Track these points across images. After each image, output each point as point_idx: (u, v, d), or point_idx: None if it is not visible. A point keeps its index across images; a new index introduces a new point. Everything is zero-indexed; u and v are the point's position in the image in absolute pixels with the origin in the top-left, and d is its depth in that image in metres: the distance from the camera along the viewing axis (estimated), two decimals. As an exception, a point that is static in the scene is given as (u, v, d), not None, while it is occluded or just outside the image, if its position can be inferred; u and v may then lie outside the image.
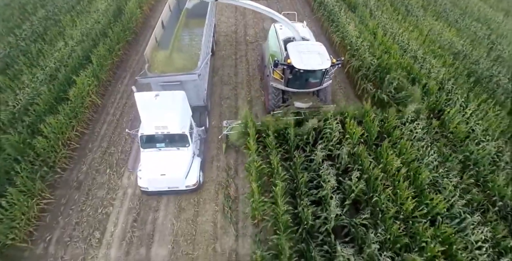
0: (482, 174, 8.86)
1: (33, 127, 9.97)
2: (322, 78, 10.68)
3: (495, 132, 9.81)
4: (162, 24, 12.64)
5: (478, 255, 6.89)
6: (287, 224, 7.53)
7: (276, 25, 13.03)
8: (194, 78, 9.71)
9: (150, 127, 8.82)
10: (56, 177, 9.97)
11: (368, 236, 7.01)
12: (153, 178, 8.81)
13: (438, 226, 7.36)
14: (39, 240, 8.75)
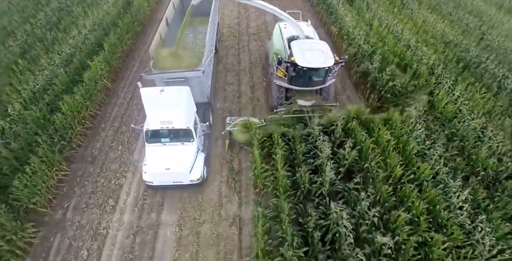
0: (467, 148, 9.58)
1: (52, 105, 10.76)
2: (325, 76, 10.70)
3: (480, 112, 10.54)
4: (167, 22, 12.77)
5: (459, 214, 7.62)
6: (286, 188, 8.29)
7: (280, 24, 13.16)
8: (198, 75, 9.77)
9: (155, 122, 8.93)
10: (72, 152, 10.76)
11: (359, 197, 7.75)
12: (158, 173, 8.90)
13: (424, 190, 8.11)
14: (58, 206, 9.53)
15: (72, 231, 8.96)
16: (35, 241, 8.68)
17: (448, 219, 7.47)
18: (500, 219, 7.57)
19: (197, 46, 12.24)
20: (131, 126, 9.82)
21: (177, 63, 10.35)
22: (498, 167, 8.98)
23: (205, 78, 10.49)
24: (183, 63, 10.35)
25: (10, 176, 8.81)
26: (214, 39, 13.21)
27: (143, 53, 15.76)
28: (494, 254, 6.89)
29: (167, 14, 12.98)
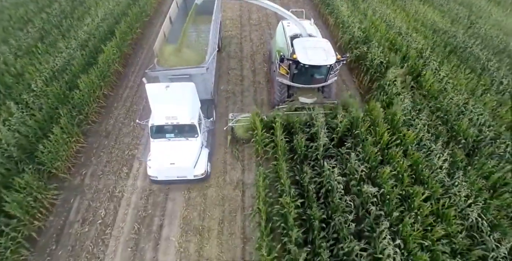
0: (450, 121, 10.48)
1: (70, 84, 11.71)
2: (327, 74, 10.78)
3: (463, 89, 11.45)
4: (170, 20, 12.81)
5: (439, 172, 8.52)
6: (284, 152, 9.21)
7: (283, 22, 13.35)
8: (202, 72, 9.84)
9: (160, 117, 9.03)
10: (88, 127, 11.70)
11: (350, 157, 8.65)
12: (163, 167, 8.98)
13: (408, 153, 9.02)
14: (76, 174, 10.45)
15: (90, 194, 9.89)
16: (57, 202, 9.61)
17: (429, 176, 8.37)
18: (475, 176, 8.47)
19: (200, 44, 12.46)
20: (136, 121, 10.11)
21: (181, 60, 10.47)
22: (478, 136, 9.88)
23: (209, 75, 10.61)
24: (186, 60, 10.48)
25: (35, 143, 9.74)
26: (217, 37, 13.34)
27: (150, 41, 16.71)
28: (469, 203, 7.79)
29: (170, 12, 12.99)
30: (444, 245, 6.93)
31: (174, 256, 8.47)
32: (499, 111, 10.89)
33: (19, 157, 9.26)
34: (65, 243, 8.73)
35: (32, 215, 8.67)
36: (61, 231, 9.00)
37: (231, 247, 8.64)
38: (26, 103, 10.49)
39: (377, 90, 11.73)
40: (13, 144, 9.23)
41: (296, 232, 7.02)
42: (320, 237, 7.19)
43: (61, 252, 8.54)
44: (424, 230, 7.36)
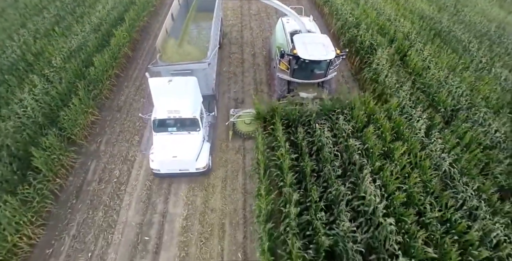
0: (431, 93, 11.55)
1: (86, 62, 12.79)
2: (327, 69, 10.92)
3: (444, 67, 12.53)
4: (172, 17, 13.00)
5: (418, 132, 9.58)
6: (281, 117, 10.27)
7: (283, 19, 13.56)
8: (204, 67, 9.97)
9: (163, 111, 9.16)
10: (102, 102, 12.77)
11: (339, 120, 9.72)
12: (165, 160, 9.10)
13: (392, 117, 10.09)
14: (92, 141, 11.50)
15: (105, 158, 10.94)
16: (75, 165, 10.66)
17: (409, 135, 9.42)
18: (450, 135, 9.53)
19: (201, 41, 12.65)
20: (139, 115, 10.49)
21: (182, 56, 10.69)
22: (456, 105, 10.95)
23: (210, 71, 10.76)
24: (188, 56, 10.69)
25: (56, 112, 10.81)
26: (218, 34, 13.48)
27: (156, 29, 17.84)
28: (444, 158, 8.85)
29: (172, 8, 13.16)
30: (419, 187, 7.97)
31: (182, 208, 9.51)
32: (477, 85, 11.95)
33: (43, 122, 10.32)
34: (84, 198, 9.77)
35: (54, 173, 9.71)
36: (80, 188, 10.04)
37: (233, 200, 9.69)
38: (47, 78, 11.56)
39: (366, 68, 12.79)
40: (37, 110, 10.29)
41: (291, 177, 8.05)
42: (311, 183, 8.22)
43: (81, 205, 9.58)
44: (403, 177, 8.41)
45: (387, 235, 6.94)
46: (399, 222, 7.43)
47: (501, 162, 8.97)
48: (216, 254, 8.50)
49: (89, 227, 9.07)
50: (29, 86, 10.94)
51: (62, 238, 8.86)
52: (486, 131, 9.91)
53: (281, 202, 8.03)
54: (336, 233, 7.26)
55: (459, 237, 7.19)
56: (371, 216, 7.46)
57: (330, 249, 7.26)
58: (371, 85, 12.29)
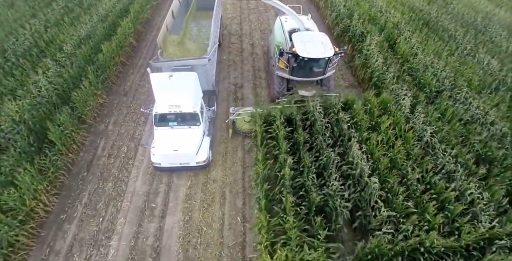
0: (418, 76, 12.35)
1: (94, 49, 13.60)
2: (325, 67, 10.97)
3: (431, 53, 13.35)
4: (172, 14, 13.17)
5: (403, 108, 10.37)
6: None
7: (281, 18, 13.67)
8: (204, 63, 10.11)
9: (164, 106, 9.32)
10: (109, 86, 13.56)
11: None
12: (166, 154, 9.25)
13: (380, 95, 10.90)
14: (100, 122, 12.28)
15: (114, 137, 11.71)
16: (86, 142, 11.44)
17: (395, 110, 10.22)
18: (433, 110, 10.33)
19: (201, 39, 12.79)
20: (141, 110, 10.79)
21: (183, 52, 10.86)
22: (440, 86, 11.75)
23: (210, 67, 10.93)
24: (189, 52, 10.87)
25: (69, 92, 11.58)
26: (218, 31, 13.60)
27: (159, 22, 18.66)
28: (425, 129, 9.64)
29: (172, 6, 13.33)
30: (402, 155, 8.75)
31: (186, 179, 10.27)
32: (461, 69, 12.77)
33: (56, 102, 11.10)
34: (94, 171, 10.54)
35: (67, 148, 10.47)
36: (91, 163, 10.81)
37: (233, 172, 10.46)
38: (59, 62, 12.35)
39: (357, 54, 13.61)
40: (51, 91, 11.07)
41: (285, 145, 8.83)
42: (304, 152, 9.00)
43: (92, 177, 10.34)
44: (388, 147, 9.19)
45: (372, 192, 7.71)
46: (383, 184, 8.21)
47: (480, 134, 9.75)
48: (217, 218, 9.25)
49: (100, 196, 9.82)
50: (42, 69, 11.72)
51: (74, 205, 9.61)
52: (467, 109, 10.70)
53: (276, 168, 8.81)
54: (326, 192, 8.03)
55: (437, 196, 7.96)
56: (359, 178, 8.23)
57: (321, 209, 8.03)
58: (362, 71, 13.09)
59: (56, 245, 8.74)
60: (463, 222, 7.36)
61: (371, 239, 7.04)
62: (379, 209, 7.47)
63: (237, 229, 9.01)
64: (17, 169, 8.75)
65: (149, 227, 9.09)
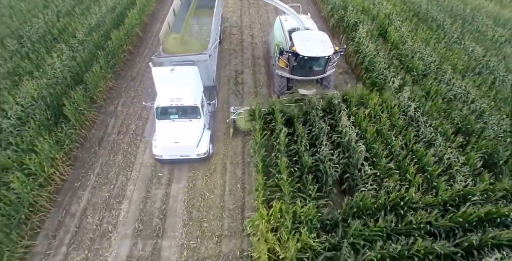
0: (405, 61, 13.20)
1: (104, 36, 14.52)
2: (325, 65, 11.02)
3: (419, 40, 14.22)
4: (174, 12, 13.38)
5: (391, 87, 11.23)
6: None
7: (281, 17, 13.81)
8: (205, 58, 10.29)
9: (165, 99, 9.55)
10: (117, 72, 14.46)
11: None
12: (167, 146, 9.45)
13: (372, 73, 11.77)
14: (110, 104, 13.17)
15: (123, 116, 12.59)
16: (97, 121, 12.32)
17: (383, 87, 11.10)
18: (419, 89, 11.22)
19: (202, 36, 12.92)
20: (143, 103, 11.04)
21: (184, 49, 11.06)
22: (426, 70, 12.61)
23: (211, 62, 11.18)
24: (190, 48, 11.06)
25: (82, 75, 12.48)
26: (218, 28, 13.82)
27: (163, 15, 19.60)
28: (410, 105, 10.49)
29: (174, 4, 13.55)
30: (387, 126, 9.59)
31: (190, 152, 11.11)
32: (447, 55, 13.62)
33: (70, 83, 11.99)
34: (105, 146, 11.41)
35: (80, 124, 11.34)
36: (102, 139, 11.68)
37: (234, 146, 11.30)
38: (72, 48, 13.28)
39: (350, 42, 14.50)
40: (66, 72, 11.98)
41: (281, 117, 9.68)
42: (298, 123, 9.85)
43: (103, 151, 11.21)
44: (375, 119, 10.04)
45: (358, 156, 8.54)
46: (369, 150, 9.04)
47: (461, 110, 10.59)
48: (219, 185, 10.10)
49: (111, 167, 10.69)
50: (57, 54, 12.64)
51: (88, 175, 10.47)
52: (450, 89, 11.54)
53: (273, 137, 9.65)
54: (318, 158, 8.86)
55: (418, 160, 8.79)
56: (347, 145, 9.06)
57: (313, 175, 8.84)
58: (354, 57, 13.96)
59: (71, 208, 9.60)
60: (441, 181, 8.17)
61: (356, 195, 7.86)
62: (365, 171, 8.29)
63: (237, 195, 9.86)
64: (37, 138, 9.62)
65: (157, 193, 9.94)
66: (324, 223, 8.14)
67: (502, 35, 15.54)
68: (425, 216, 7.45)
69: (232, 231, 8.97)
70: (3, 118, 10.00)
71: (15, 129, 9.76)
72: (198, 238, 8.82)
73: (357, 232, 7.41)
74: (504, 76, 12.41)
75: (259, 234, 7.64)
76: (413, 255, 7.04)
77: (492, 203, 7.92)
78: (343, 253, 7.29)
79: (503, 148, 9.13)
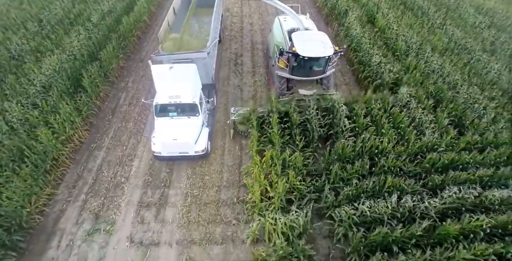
0: (390, 43, 14.47)
1: (116, 21, 15.93)
2: (325, 66, 11.03)
3: (405, 25, 15.50)
4: (174, 11, 13.54)
5: (374, 63, 12.51)
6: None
7: (280, 18, 13.86)
8: (204, 56, 10.38)
9: (164, 96, 9.67)
10: (128, 55, 15.82)
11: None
12: (166, 143, 9.56)
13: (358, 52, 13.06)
14: (121, 81, 14.51)
15: (133, 91, 13.92)
16: (110, 94, 13.65)
17: (367, 63, 12.36)
18: (400, 64, 12.50)
19: (202, 35, 13.01)
20: (142, 100, 11.36)
21: (184, 47, 11.18)
22: (408, 50, 13.86)
23: (210, 60, 11.32)
24: (189, 47, 11.16)
25: (97, 53, 13.84)
26: (218, 27, 13.97)
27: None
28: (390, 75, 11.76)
29: (174, 3, 13.71)
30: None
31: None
32: (429, 38, 14.88)
33: (86, 59, 13.34)
34: (118, 115, 12.73)
35: (96, 95, 12.65)
36: (115, 109, 13.01)
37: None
38: (88, 30, 14.67)
39: (341, 27, 15.82)
40: (84, 49, 13.35)
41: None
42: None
43: (116, 119, 12.53)
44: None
45: (340, 115, 9.79)
46: (351, 111, 10.30)
47: (435, 83, 11.82)
48: (219, 146, 11.36)
49: (123, 132, 11.99)
50: (75, 34, 14.04)
51: (102, 138, 11.78)
52: (428, 65, 12.78)
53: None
54: (305, 118, 10.12)
55: (393, 119, 10.03)
56: (332, 108, 10.32)
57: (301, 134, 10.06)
58: (344, 40, 15.23)
59: (89, 165, 10.89)
60: (411, 135, 9.39)
61: (337, 144, 9.10)
62: (345, 125, 9.54)
63: (235, 154, 11.11)
64: (60, 102, 10.94)
65: (164, 153, 11.20)
66: (311, 174, 9.38)
67: (482, 22, 16.79)
68: (396, 161, 8.67)
69: (230, 182, 10.21)
70: (30, 85, 11.35)
71: (40, 94, 11.09)
72: (200, 188, 10.07)
73: (338, 176, 8.65)
74: (479, 55, 13.62)
75: (253, 177, 8.87)
76: (385, 192, 8.26)
77: (456, 152, 9.12)
78: (325, 194, 8.53)
79: (470, 111, 10.34)
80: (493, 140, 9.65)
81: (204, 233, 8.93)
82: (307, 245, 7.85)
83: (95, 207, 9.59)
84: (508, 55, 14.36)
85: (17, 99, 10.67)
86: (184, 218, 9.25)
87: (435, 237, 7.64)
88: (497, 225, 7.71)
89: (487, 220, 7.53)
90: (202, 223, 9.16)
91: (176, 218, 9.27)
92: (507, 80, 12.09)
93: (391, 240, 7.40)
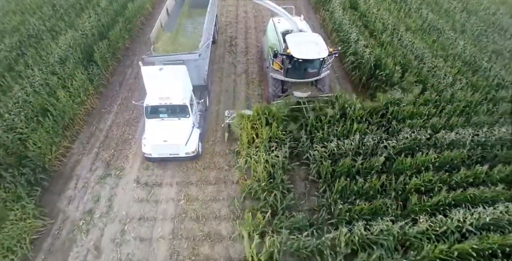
0: (369, 24, 16.05)
1: (122, 7, 17.59)
2: (320, 68, 10.98)
3: (392, 16, 17.06)
4: (167, 11, 13.61)
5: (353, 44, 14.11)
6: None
7: (274, 19, 13.77)
8: (195, 58, 10.34)
9: (155, 98, 9.68)
10: (132, 38, 17.43)
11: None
12: (156, 144, 9.61)
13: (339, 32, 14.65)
14: (127, 59, 16.13)
15: (137, 68, 15.28)
16: (117, 71, 15.26)
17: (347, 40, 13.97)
18: (375, 42, 14.11)
19: (195, 36, 12.84)
20: (132, 102, 11.41)
21: (176, 48, 11.17)
22: (384, 29, 15.43)
23: (202, 62, 11.30)
24: (182, 48, 11.12)
25: (106, 33, 15.45)
26: (212, 29, 14.00)
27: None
28: (365, 50, 13.33)
29: (167, 3, 13.78)
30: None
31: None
32: (405, 21, 16.47)
33: (96, 38, 14.96)
34: (125, 87, 14.35)
35: (105, 68, 14.25)
36: (122, 82, 14.64)
37: (228, 87, 14.16)
38: (97, 13, 16.32)
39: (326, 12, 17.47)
40: (94, 28, 15.00)
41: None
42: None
43: (123, 90, 14.14)
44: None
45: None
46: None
47: (405, 55, 13.40)
48: (215, 110, 12.94)
49: (130, 100, 13.53)
50: (86, 16, 15.71)
51: (112, 105, 13.39)
52: (401, 41, 14.36)
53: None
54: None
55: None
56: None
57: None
58: (328, 22, 16.82)
59: (100, 125, 12.48)
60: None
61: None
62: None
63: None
64: (76, 70, 12.53)
65: (166, 115, 12.77)
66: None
67: (456, 7, 18.40)
68: (363, 112, 10.25)
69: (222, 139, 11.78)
70: (49, 57, 12.96)
71: (58, 64, 12.68)
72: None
73: (313, 126, 10.22)
74: (448, 34, 15.21)
75: (243, 126, 10.39)
76: (352, 135, 9.82)
77: (416, 107, 10.70)
78: (302, 140, 10.09)
79: (431, 76, 11.96)
80: (450, 98, 11.20)
81: (200, 176, 10.48)
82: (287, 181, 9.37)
83: (107, 157, 11.16)
84: (476, 35, 15.94)
85: (38, 67, 12.27)
86: (183, 166, 10.80)
87: (393, 171, 9.17)
88: (445, 162, 9.25)
89: (435, 155, 9.07)
90: (198, 168, 10.72)
91: (176, 164, 10.80)
92: (470, 53, 13.65)
93: (355, 171, 8.95)
